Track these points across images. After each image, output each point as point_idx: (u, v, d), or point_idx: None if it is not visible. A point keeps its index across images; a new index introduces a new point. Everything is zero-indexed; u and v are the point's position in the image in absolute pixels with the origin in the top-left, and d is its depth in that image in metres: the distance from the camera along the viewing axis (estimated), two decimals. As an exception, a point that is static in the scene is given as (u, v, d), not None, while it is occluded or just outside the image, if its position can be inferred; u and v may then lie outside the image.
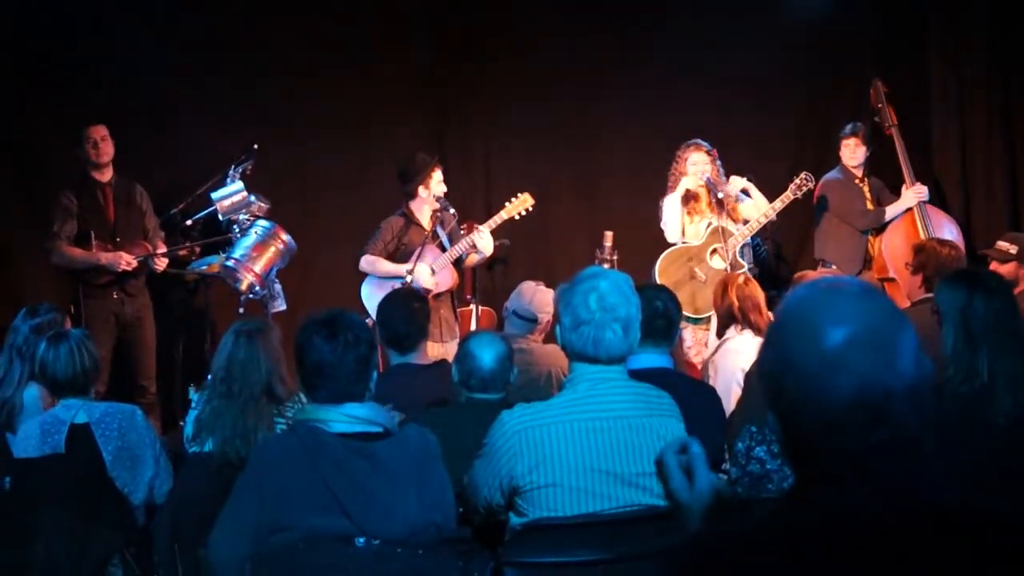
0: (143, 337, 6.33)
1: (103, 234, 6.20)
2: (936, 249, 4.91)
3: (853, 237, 6.56)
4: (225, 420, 3.62)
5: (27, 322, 4.39)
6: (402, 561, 2.62)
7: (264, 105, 7.15)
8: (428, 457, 2.78)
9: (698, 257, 6.28)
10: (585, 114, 7.60)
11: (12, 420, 4.19)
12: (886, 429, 1.36)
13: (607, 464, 2.81)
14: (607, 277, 2.90)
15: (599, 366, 2.86)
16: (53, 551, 3.51)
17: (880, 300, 1.43)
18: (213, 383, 3.73)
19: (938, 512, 1.36)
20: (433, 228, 6.27)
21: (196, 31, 7.00)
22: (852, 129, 6.65)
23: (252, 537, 2.67)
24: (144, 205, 6.41)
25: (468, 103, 7.72)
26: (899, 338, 1.39)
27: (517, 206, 6.29)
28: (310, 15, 7.30)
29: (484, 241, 6.17)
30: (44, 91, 6.83)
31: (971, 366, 3.13)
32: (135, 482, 3.82)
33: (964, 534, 1.35)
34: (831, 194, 6.63)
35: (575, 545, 2.82)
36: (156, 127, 6.83)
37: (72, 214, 6.18)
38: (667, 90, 7.36)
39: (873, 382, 1.36)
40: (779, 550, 1.36)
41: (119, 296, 6.22)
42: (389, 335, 4.23)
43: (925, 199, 6.45)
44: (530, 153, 7.57)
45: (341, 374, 2.74)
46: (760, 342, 1.66)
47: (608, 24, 7.51)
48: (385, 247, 6.19)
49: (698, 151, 6.29)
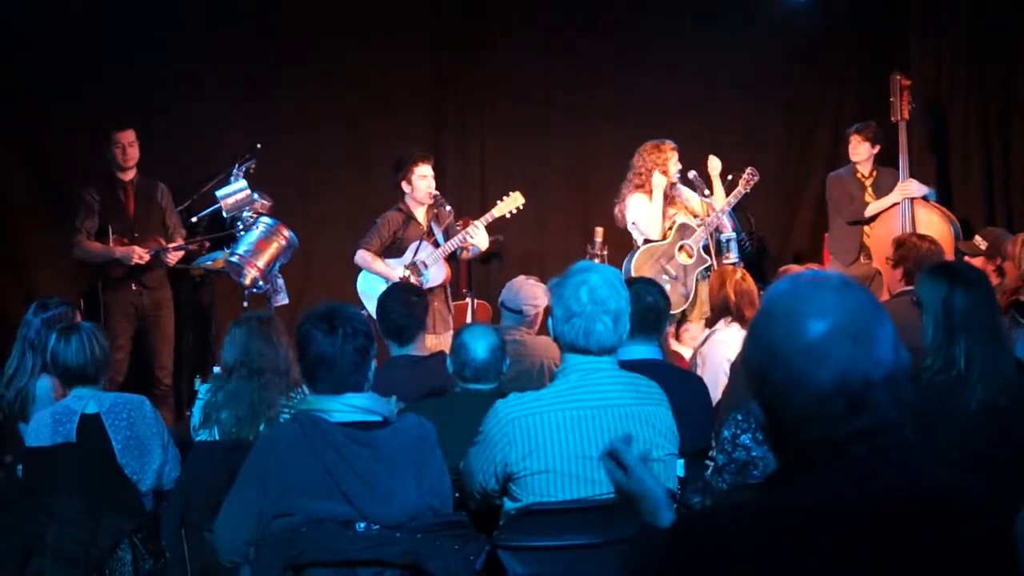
0: (161, 328, 6.45)
1: (122, 229, 6.34)
2: (916, 244, 4.96)
3: (846, 229, 6.67)
4: (242, 398, 3.69)
5: (39, 315, 4.47)
6: (401, 544, 2.67)
7: (266, 106, 7.21)
8: (425, 444, 2.84)
9: (667, 255, 6.34)
10: (578, 114, 7.65)
11: (25, 410, 4.27)
12: (866, 417, 1.39)
13: (597, 451, 2.79)
14: (598, 271, 2.95)
15: (590, 357, 2.91)
16: (64, 536, 3.54)
17: (859, 293, 1.47)
18: (232, 368, 3.78)
19: (915, 494, 1.41)
20: (428, 223, 6.36)
21: (200, 33, 7.04)
22: (857, 127, 6.73)
23: (256, 522, 2.73)
24: (165, 203, 6.54)
25: (466, 102, 7.76)
26: (878, 329, 1.43)
27: (508, 204, 6.37)
28: (313, 18, 7.35)
29: (478, 236, 6.25)
30: (58, 92, 6.90)
31: (949, 356, 3.17)
32: (143, 470, 3.88)
33: (940, 515, 1.40)
34: (830, 189, 6.79)
35: (567, 529, 2.87)
36: (161, 127, 6.89)
37: (94, 211, 6.34)
38: (657, 90, 7.42)
39: (853, 372, 1.39)
40: (761, 532, 1.39)
41: (137, 288, 6.36)
42: (388, 327, 4.28)
43: (913, 196, 6.53)
44: (525, 152, 7.63)
45: (341, 365, 2.78)
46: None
47: (601, 26, 7.56)
48: (382, 242, 6.28)
49: (675, 150, 6.34)
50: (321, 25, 7.38)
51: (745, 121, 7.62)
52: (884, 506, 1.38)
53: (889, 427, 1.41)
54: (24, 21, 6.68)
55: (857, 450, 1.40)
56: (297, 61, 7.33)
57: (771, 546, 1.38)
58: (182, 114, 6.94)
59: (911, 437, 1.44)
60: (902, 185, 6.51)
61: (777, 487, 1.47)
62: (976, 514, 1.43)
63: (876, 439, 1.41)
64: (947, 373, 3.16)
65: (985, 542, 1.41)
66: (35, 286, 6.71)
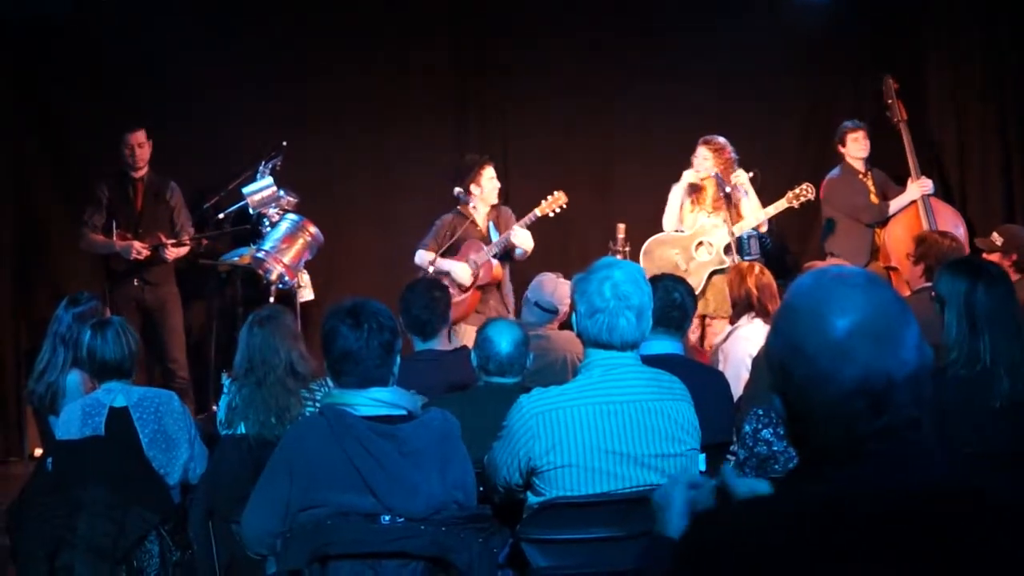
0: (168, 322, 6.52)
1: (127, 225, 6.44)
2: (937, 240, 4.95)
3: (858, 230, 6.63)
4: (257, 405, 3.75)
5: (70, 310, 4.49)
6: (426, 537, 2.68)
7: (293, 105, 7.23)
8: (450, 438, 2.86)
9: (684, 247, 6.34)
10: (600, 114, 7.64)
11: (55, 403, 4.31)
12: (887, 416, 1.38)
13: (620, 445, 2.87)
14: (621, 267, 2.96)
15: (613, 352, 2.92)
16: (93, 528, 3.58)
17: (884, 290, 1.45)
18: (239, 373, 3.85)
19: (936, 491, 1.38)
20: (487, 225, 6.43)
21: (229, 34, 7.08)
22: (858, 123, 6.71)
23: (283, 514, 2.75)
24: (174, 201, 6.61)
25: (490, 102, 7.76)
26: (902, 328, 1.41)
27: (552, 204, 6.36)
28: (338, 17, 7.38)
29: (521, 237, 6.30)
30: (83, 90, 6.98)
31: (973, 350, 3.18)
32: (171, 463, 3.91)
33: (960, 511, 1.37)
34: (836, 191, 6.69)
35: (590, 523, 2.89)
36: (190, 125, 6.96)
37: (102, 205, 6.45)
38: (677, 91, 7.39)
39: (877, 370, 1.38)
40: (782, 527, 1.37)
41: (139, 283, 6.45)
42: (412, 322, 4.29)
43: (929, 192, 6.51)
44: (547, 149, 7.64)
45: (366, 360, 2.79)
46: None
47: (624, 29, 7.55)
48: (438, 243, 6.34)
49: (705, 146, 6.33)
50: (346, 24, 7.39)
51: (763, 125, 7.60)
52: (905, 502, 1.36)
53: (910, 425, 1.40)
54: (49, 23, 6.73)
55: (878, 446, 1.39)
56: (323, 60, 7.35)
57: (790, 541, 1.36)
58: (209, 112, 6.98)
59: (932, 434, 1.43)
60: (919, 182, 6.49)
61: (798, 482, 1.46)
62: (998, 511, 1.40)
63: (897, 436, 1.39)
64: (972, 368, 3.16)
65: (1008, 539, 1.37)
66: (62, 282, 6.78)
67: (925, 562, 1.35)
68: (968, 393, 3.13)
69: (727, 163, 6.33)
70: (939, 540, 1.35)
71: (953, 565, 1.35)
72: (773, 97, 7.60)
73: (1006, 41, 7.34)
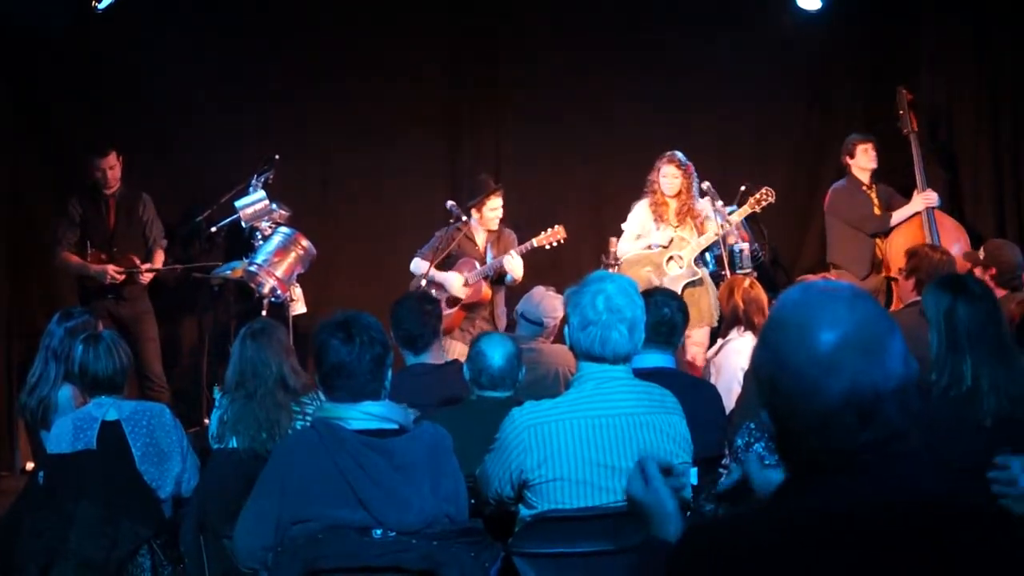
0: (143, 332, 6.54)
1: (101, 243, 6.47)
2: (928, 254, 4.95)
3: (861, 241, 6.65)
4: (248, 420, 3.75)
5: (62, 325, 4.48)
6: (417, 551, 2.68)
7: (285, 118, 7.26)
8: (441, 452, 2.86)
9: (655, 264, 6.37)
10: (593, 126, 7.66)
11: (47, 418, 4.30)
12: (874, 428, 1.39)
13: (612, 459, 2.87)
14: (613, 280, 2.96)
15: (605, 365, 2.92)
16: (85, 541, 3.57)
17: (870, 304, 1.46)
18: (231, 387, 3.86)
19: (925, 502, 1.40)
20: (486, 246, 6.45)
21: (220, 47, 7.10)
22: (865, 136, 6.74)
23: (274, 528, 2.75)
24: (146, 216, 6.64)
25: (483, 117, 7.80)
26: (888, 341, 1.42)
27: (550, 237, 6.37)
28: (332, 32, 7.41)
29: (513, 264, 6.31)
30: (79, 103, 6.99)
31: (956, 371, 3.13)
32: (163, 477, 3.90)
33: (950, 522, 1.39)
34: (840, 202, 6.73)
35: (582, 536, 2.88)
36: (183, 139, 6.99)
37: (75, 222, 6.48)
38: (671, 106, 7.44)
39: (863, 384, 1.39)
40: (771, 539, 1.39)
41: (113, 298, 6.47)
42: (403, 336, 4.29)
43: (935, 205, 6.53)
44: (541, 165, 7.66)
45: (358, 374, 2.80)
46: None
47: (619, 44, 7.58)
48: (436, 255, 6.35)
49: (670, 163, 6.38)
50: (340, 38, 7.43)
51: (759, 138, 7.63)
52: (893, 513, 1.38)
53: (898, 437, 1.41)
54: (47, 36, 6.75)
55: (866, 459, 1.40)
56: (316, 74, 7.39)
57: (781, 553, 1.38)
58: (201, 126, 7.01)
59: (919, 445, 1.44)
60: (924, 195, 6.51)
61: (787, 495, 1.47)
62: (986, 520, 1.42)
63: (885, 448, 1.40)
64: (958, 388, 3.12)
65: (997, 550, 1.39)
66: (55, 296, 6.78)
67: (915, 573, 1.36)
68: (955, 412, 3.09)
69: (691, 178, 6.41)
70: (929, 551, 1.36)
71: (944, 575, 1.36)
72: (770, 109, 7.63)
73: (1000, 47, 7.36)
